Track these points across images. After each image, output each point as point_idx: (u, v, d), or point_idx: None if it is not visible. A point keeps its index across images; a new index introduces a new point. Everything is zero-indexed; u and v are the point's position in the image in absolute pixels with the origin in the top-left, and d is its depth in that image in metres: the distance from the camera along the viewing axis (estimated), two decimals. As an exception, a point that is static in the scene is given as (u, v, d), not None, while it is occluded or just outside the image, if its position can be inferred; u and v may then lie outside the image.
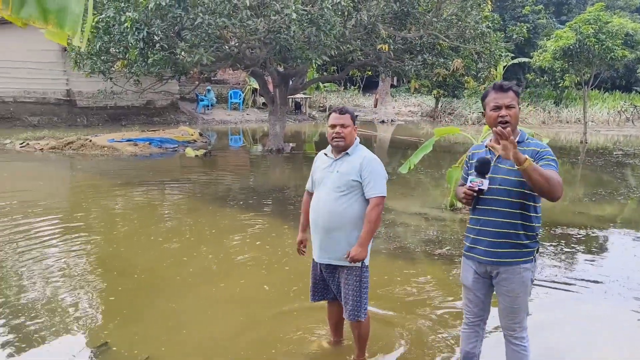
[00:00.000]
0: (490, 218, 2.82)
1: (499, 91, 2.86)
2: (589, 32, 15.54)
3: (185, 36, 9.60)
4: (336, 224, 3.22)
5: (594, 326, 4.28)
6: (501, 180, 2.80)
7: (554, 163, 2.76)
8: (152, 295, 4.62)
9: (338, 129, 3.23)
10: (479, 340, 3.12)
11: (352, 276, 3.27)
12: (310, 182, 3.50)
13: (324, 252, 3.30)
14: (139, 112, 19.94)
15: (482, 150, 2.97)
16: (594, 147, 16.52)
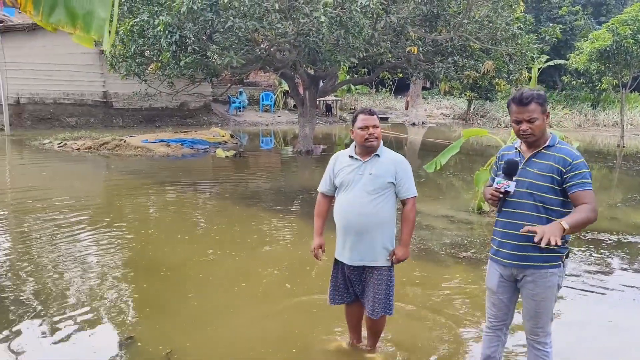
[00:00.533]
0: (516, 221, 2.79)
1: (519, 105, 2.75)
2: (627, 33, 15.10)
3: (217, 39, 9.79)
4: (371, 226, 3.24)
5: (617, 335, 4.18)
6: (529, 184, 2.77)
7: (587, 178, 2.69)
8: (177, 292, 4.73)
9: (371, 130, 3.21)
10: (500, 345, 3.09)
11: (384, 276, 3.33)
12: (329, 184, 3.42)
13: (357, 254, 3.28)
14: (173, 113, 20.37)
15: (513, 152, 2.93)
16: (632, 152, 16.02)
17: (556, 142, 2.80)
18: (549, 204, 2.74)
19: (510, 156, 2.89)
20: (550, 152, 2.75)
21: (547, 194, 2.73)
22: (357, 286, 3.40)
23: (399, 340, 3.89)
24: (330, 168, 3.42)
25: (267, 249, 6.00)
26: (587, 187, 2.67)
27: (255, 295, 4.71)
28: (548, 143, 2.78)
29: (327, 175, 3.44)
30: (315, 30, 9.68)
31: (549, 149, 2.77)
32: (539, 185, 2.74)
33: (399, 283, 5.00)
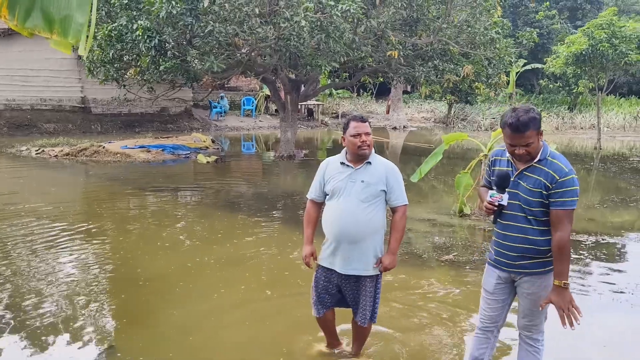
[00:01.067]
0: (511, 233, 2.85)
1: (515, 132, 2.70)
2: (602, 37, 15.40)
3: (197, 44, 9.74)
4: (364, 234, 3.22)
5: (598, 334, 4.24)
6: (520, 197, 2.80)
7: (569, 196, 2.69)
8: (157, 301, 4.67)
9: (364, 138, 3.19)
10: (490, 347, 3.12)
11: (373, 283, 3.32)
12: (319, 190, 3.37)
13: (349, 263, 3.24)
14: (153, 119, 20.16)
15: (505, 158, 2.92)
16: (608, 153, 16.33)
17: (547, 155, 2.78)
18: (540, 217, 2.78)
19: (503, 163, 2.90)
20: (542, 166, 2.76)
21: (537, 208, 2.76)
22: (348, 294, 3.36)
23: (383, 344, 3.90)
24: (321, 174, 3.37)
25: (248, 255, 5.95)
26: (565, 206, 2.70)
27: (236, 302, 4.67)
28: (539, 157, 2.78)
29: (316, 181, 3.39)
30: (296, 34, 9.68)
31: (540, 162, 2.77)
32: (529, 200, 2.77)
33: (382, 288, 5.02)
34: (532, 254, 2.81)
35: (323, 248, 3.36)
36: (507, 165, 2.88)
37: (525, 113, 2.71)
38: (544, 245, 2.79)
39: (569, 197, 2.70)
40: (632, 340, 4.13)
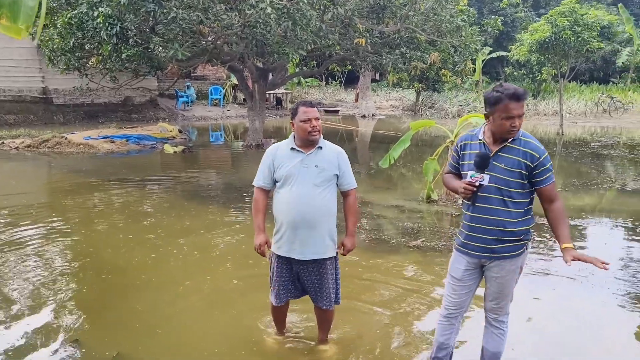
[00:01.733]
0: (484, 215, 2.85)
1: (516, 101, 2.71)
2: (565, 25, 15.72)
3: (160, 31, 9.52)
4: (321, 219, 3.24)
5: (561, 315, 4.35)
6: (496, 179, 2.80)
7: (551, 170, 2.81)
8: (122, 294, 4.58)
9: (314, 123, 3.18)
10: (454, 332, 3.17)
11: (332, 266, 3.36)
12: (268, 177, 3.32)
13: (309, 248, 3.25)
14: (117, 109, 19.70)
15: (476, 142, 2.91)
16: (570, 139, 16.75)
17: (520, 135, 2.82)
18: (515, 198, 2.80)
19: (475, 147, 2.90)
20: (517, 145, 2.78)
21: (515, 188, 2.78)
22: (308, 281, 3.35)
23: (350, 330, 3.92)
24: (269, 161, 3.31)
25: (215, 245, 5.89)
26: (552, 180, 2.81)
27: (202, 292, 4.62)
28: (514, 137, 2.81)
29: (264, 168, 3.33)
30: (263, 22, 9.56)
31: (514, 142, 2.80)
32: (507, 181, 2.78)
33: (350, 273, 5.05)
34: (507, 236, 2.83)
35: (276, 237, 3.33)
36: (481, 148, 2.87)
37: (517, 87, 2.79)
38: (519, 227, 2.83)
39: (550, 172, 2.80)
40: (592, 319, 4.25)
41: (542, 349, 3.75)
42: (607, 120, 23.28)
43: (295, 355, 3.58)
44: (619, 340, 3.91)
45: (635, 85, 29.64)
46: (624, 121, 22.55)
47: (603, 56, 28.93)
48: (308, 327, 3.84)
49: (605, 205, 8.31)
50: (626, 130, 19.78)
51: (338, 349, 3.64)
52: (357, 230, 6.41)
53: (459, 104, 24.63)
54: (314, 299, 3.42)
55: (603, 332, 4.04)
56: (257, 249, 3.35)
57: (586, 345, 3.84)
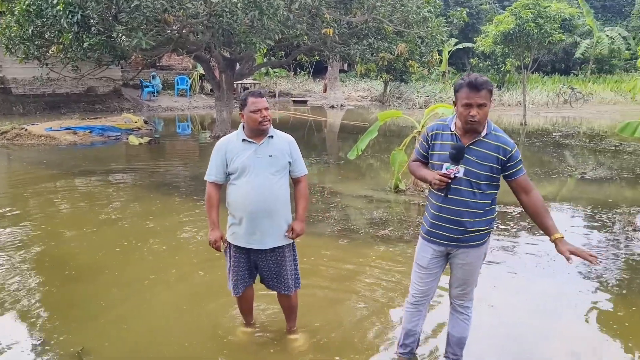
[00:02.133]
0: (452, 206, 2.88)
1: (473, 89, 2.74)
2: (528, 17, 16.03)
3: (123, 19, 9.27)
4: (278, 207, 3.29)
5: (526, 299, 4.48)
6: (467, 171, 2.83)
7: (522, 162, 2.87)
8: (86, 289, 4.48)
9: (264, 113, 3.20)
10: (422, 319, 3.22)
11: (290, 252, 3.42)
12: (221, 172, 3.30)
13: (269, 237, 3.29)
14: (79, 99, 19.17)
15: (448, 133, 2.91)
16: (533, 129, 17.15)
17: (492, 129, 2.86)
18: (484, 190, 2.85)
19: (447, 137, 2.91)
20: (489, 140, 2.82)
21: (484, 181, 2.83)
22: (265, 269, 3.39)
23: (319, 319, 3.94)
24: (221, 155, 3.29)
25: (180, 237, 5.83)
26: (524, 171, 2.89)
27: (169, 286, 4.57)
28: (485, 131, 2.84)
29: (217, 163, 3.30)
30: (229, 11, 9.42)
31: (487, 137, 2.84)
32: (478, 174, 2.82)
33: (319, 263, 5.08)
34: (474, 226, 2.88)
35: (234, 229, 3.33)
36: (452, 139, 2.88)
37: (480, 76, 2.79)
38: (484, 216, 2.90)
39: (522, 163, 2.87)
40: (555, 303, 4.39)
41: (499, 333, 3.86)
42: (568, 110, 23.93)
43: (266, 346, 3.58)
44: (574, 324, 4.05)
45: (595, 77, 30.54)
46: (584, 112, 23.22)
47: (564, 48, 29.65)
48: (277, 317, 3.84)
49: (566, 194, 8.57)
50: (586, 120, 20.37)
51: (308, 338, 3.66)
52: (326, 220, 6.47)
53: (426, 95, 24.89)
54: (272, 285, 3.46)
55: (559, 316, 4.17)
56: (212, 245, 3.36)
57: (541, 329, 3.95)
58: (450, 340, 3.23)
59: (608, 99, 26.52)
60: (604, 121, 19.81)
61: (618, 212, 7.16)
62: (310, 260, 5.10)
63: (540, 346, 3.69)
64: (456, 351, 3.22)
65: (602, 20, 35.39)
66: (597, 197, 8.04)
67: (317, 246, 5.54)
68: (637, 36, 31.90)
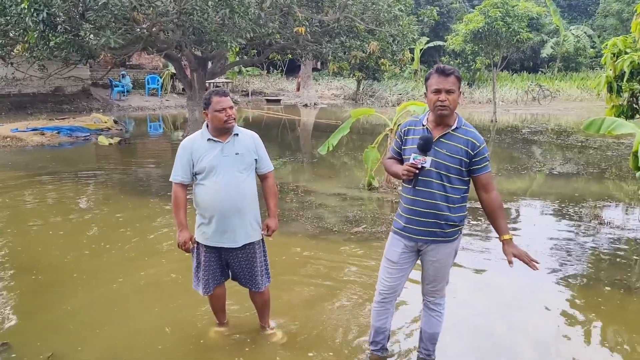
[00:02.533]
0: (423, 199, 2.90)
1: (441, 75, 2.83)
2: (497, 15, 16.32)
3: (90, 17, 9.09)
4: (248, 205, 3.31)
5: (495, 293, 4.57)
6: (438, 164, 2.86)
7: (488, 160, 2.92)
8: (57, 293, 4.40)
9: (229, 112, 3.20)
10: (390, 315, 3.25)
11: (261, 247, 3.45)
12: (188, 172, 3.27)
13: (240, 235, 3.29)
14: (47, 99, 18.72)
15: (420, 127, 2.97)
16: (503, 126, 17.47)
17: (462, 124, 2.92)
18: (454, 184, 2.88)
19: (419, 132, 2.94)
20: (459, 134, 2.87)
21: (454, 174, 2.87)
22: (236, 266, 3.40)
23: (294, 317, 3.95)
24: (187, 156, 3.26)
25: (151, 239, 5.75)
26: (489, 169, 2.94)
27: (139, 288, 4.51)
28: (456, 125, 2.89)
29: (183, 163, 3.28)
30: (200, 9, 9.33)
31: (456, 130, 2.88)
32: (448, 166, 2.86)
33: (293, 262, 5.08)
34: (445, 221, 2.91)
35: (203, 229, 3.31)
36: (424, 132, 2.91)
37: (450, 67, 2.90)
38: (456, 212, 2.93)
39: (487, 161, 2.92)
40: (523, 297, 4.48)
41: (469, 327, 3.93)
42: (537, 107, 24.44)
43: (241, 344, 3.57)
44: (541, 316, 4.15)
45: (562, 74, 31.27)
46: (552, 108, 23.76)
47: (532, 46, 30.23)
48: (250, 315, 3.83)
49: (536, 188, 8.76)
50: (554, 117, 20.85)
51: (284, 333, 3.68)
52: (300, 218, 6.48)
53: (398, 93, 25.09)
54: (245, 282, 3.47)
55: (527, 309, 4.27)
56: (181, 246, 3.33)
57: (509, 322, 4.04)
58: (423, 336, 3.27)
59: (574, 96, 27.20)
60: (571, 118, 20.31)
61: (584, 206, 7.36)
62: (284, 259, 5.10)
63: (510, 338, 3.77)
64: (428, 347, 3.26)
65: (568, 19, 36.24)
66: (564, 192, 8.24)
67: (292, 244, 5.54)
68: (602, 34, 32.76)
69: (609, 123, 5.90)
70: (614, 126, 5.83)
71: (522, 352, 3.60)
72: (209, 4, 9.11)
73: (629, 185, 8.79)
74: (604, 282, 4.75)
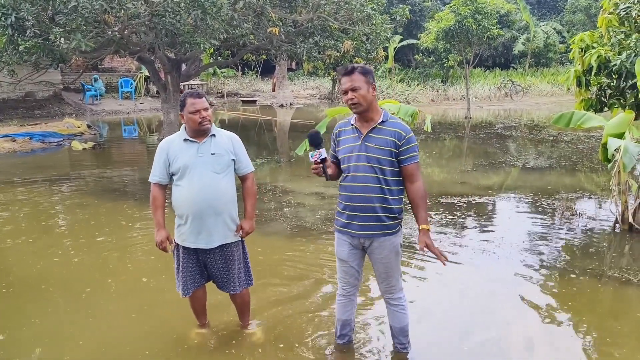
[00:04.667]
0: (361, 194, 2.97)
1: (345, 75, 2.94)
2: (467, 13, 16.55)
3: (60, 20, 8.95)
4: (224, 205, 3.30)
5: (470, 285, 4.65)
6: (370, 158, 2.94)
7: (416, 151, 2.99)
8: (32, 304, 4.31)
9: (203, 113, 3.21)
10: (354, 307, 3.33)
11: (239, 249, 3.44)
12: (164, 172, 3.30)
13: (215, 236, 3.29)
14: (17, 105, 18.35)
15: (350, 127, 3.06)
16: (477, 122, 17.72)
17: (388, 118, 3.01)
18: (388, 175, 2.96)
19: (348, 134, 3.05)
20: (386, 127, 2.96)
21: (387, 166, 2.94)
22: (214, 268, 3.40)
23: (272, 316, 3.96)
24: (163, 156, 3.29)
25: (127, 244, 5.68)
26: (415, 159, 2.99)
27: (116, 294, 4.46)
28: (382, 119, 2.98)
29: (159, 164, 3.31)
30: (172, 11, 9.26)
31: (383, 124, 2.97)
32: (380, 159, 2.93)
33: (272, 261, 5.09)
34: (384, 213, 2.97)
35: (180, 230, 3.33)
36: (353, 132, 3.02)
37: (355, 65, 3.00)
38: (394, 204, 3.00)
39: (415, 151, 2.98)
40: (497, 288, 4.58)
41: (445, 317, 4.00)
42: (509, 103, 24.86)
43: (223, 345, 3.56)
44: (517, 306, 4.24)
45: (533, 70, 31.87)
46: (524, 104, 24.19)
47: (503, 43, 30.77)
48: (231, 316, 3.84)
49: (510, 183, 8.92)
50: (526, 112, 21.23)
51: (265, 331, 3.71)
52: (278, 218, 6.49)
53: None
54: (221, 285, 3.48)
55: (503, 298, 4.36)
56: (158, 246, 3.34)
57: (484, 311, 4.12)
58: (393, 331, 3.31)
59: (546, 91, 27.75)
60: (543, 112, 20.72)
61: (557, 199, 7.53)
62: (262, 260, 5.11)
63: (483, 327, 3.85)
64: (401, 340, 3.30)
65: (537, 16, 36.94)
66: (538, 185, 8.41)
67: (270, 244, 5.55)
68: (571, 30, 33.47)
69: (579, 117, 6.05)
70: (583, 120, 5.98)
71: (495, 337, 3.68)
72: (181, 6, 9.05)
73: (600, 177, 9.02)
74: (577, 271, 4.88)
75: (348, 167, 3.02)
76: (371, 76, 2.95)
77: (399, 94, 24.73)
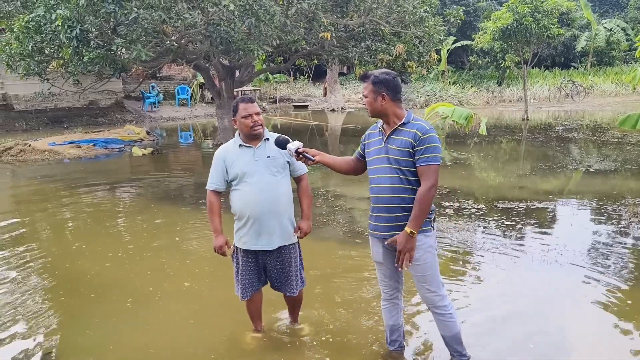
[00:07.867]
0: (385, 195, 2.97)
1: (361, 80, 3.06)
2: (526, 12, 16.03)
3: (121, 32, 9.33)
4: (284, 206, 3.36)
5: (532, 293, 4.47)
6: (392, 160, 2.94)
7: (433, 152, 2.86)
8: (99, 303, 4.49)
9: (255, 118, 3.26)
10: (400, 311, 3.27)
11: (296, 250, 3.48)
12: (222, 180, 3.37)
13: (275, 238, 3.34)
14: (82, 113, 19.29)
15: (377, 130, 3.09)
16: (535, 124, 17.12)
17: (411, 119, 2.97)
18: (410, 175, 2.93)
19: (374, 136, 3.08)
20: (406, 128, 2.94)
21: (408, 167, 2.91)
22: (273, 271, 3.44)
23: (323, 320, 3.95)
24: (221, 163, 3.36)
25: (186, 248, 5.82)
26: (428, 161, 2.87)
27: (178, 294, 4.58)
28: (404, 120, 2.96)
29: (217, 171, 3.37)
30: (226, 19, 9.47)
31: (404, 125, 2.95)
32: (400, 160, 2.92)
33: (326, 265, 5.09)
34: (408, 212, 2.90)
35: (241, 233, 3.37)
36: (379, 134, 3.05)
37: (377, 71, 3.03)
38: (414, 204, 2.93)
39: (431, 153, 2.87)
40: (561, 295, 4.38)
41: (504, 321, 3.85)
42: (570, 104, 23.89)
43: (277, 350, 3.58)
44: (579, 313, 4.04)
45: (595, 69, 30.47)
46: (586, 104, 23.18)
47: (563, 42, 29.58)
48: (287, 321, 3.86)
49: (572, 187, 8.55)
50: (588, 113, 20.33)
51: (312, 329, 3.78)
52: (331, 223, 6.48)
53: (426, 94, 24.89)
54: (280, 287, 3.50)
55: (565, 305, 4.16)
56: (217, 251, 3.40)
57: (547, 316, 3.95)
58: (445, 340, 3.19)
59: (609, 91, 26.47)
60: (606, 113, 19.77)
61: (623, 204, 7.14)
62: (316, 265, 5.11)
63: (555, 334, 3.68)
64: (456, 348, 3.18)
65: (599, 13, 35.31)
66: (602, 190, 8.02)
67: (324, 249, 5.55)
68: (636, 27, 31.81)
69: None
70: (652, 120, 5.65)
71: (571, 348, 3.51)
72: (235, 14, 9.24)
73: (670, 180, 8.50)
74: (647, 281, 4.59)
75: (373, 169, 3.05)
76: (383, 85, 2.93)
77: (452, 96, 24.26)
